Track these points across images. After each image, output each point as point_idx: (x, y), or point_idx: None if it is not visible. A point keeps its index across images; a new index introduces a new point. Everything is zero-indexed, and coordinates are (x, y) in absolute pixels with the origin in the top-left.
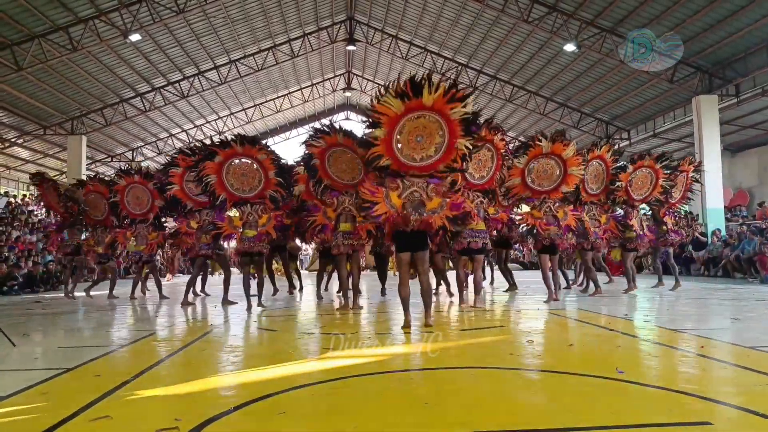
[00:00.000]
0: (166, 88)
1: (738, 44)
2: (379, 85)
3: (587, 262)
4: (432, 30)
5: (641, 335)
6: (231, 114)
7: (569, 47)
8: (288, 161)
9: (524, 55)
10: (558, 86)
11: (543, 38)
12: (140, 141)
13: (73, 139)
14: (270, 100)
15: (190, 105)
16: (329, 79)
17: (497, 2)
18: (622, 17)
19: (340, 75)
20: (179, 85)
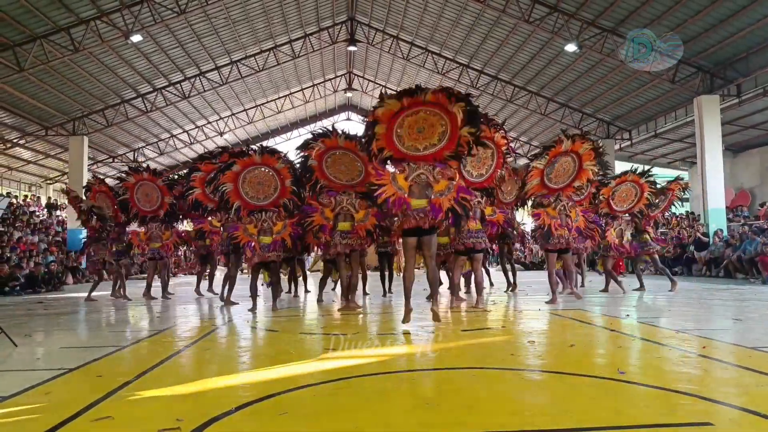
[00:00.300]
0: (168, 89)
1: (739, 44)
2: (383, 86)
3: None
4: (433, 30)
5: (642, 336)
6: (232, 114)
7: (570, 47)
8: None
9: (525, 56)
10: (559, 87)
11: (544, 38)
12: (142, 142)
13: (75, 140)
14: (271, 101)
15: (192, 106)
16: (330, 80)
17: (498, 3)
18: (624, 17)
19: (341, 75)
20: (180, 86)
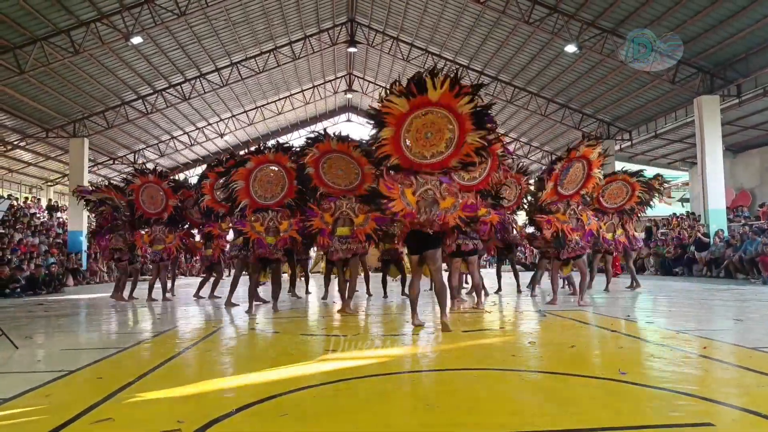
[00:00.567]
0: (168, 91)
1: (739, 45)
2: (383, 87)
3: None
4: (433, 32)
5: (643, 336)
6: (232, 116)
7: (570, 48)
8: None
9: (525, 57)
10: (559, 87)
11: (544, 39)
12: (142, 143)
13: (75, 142)
14: (271, 102)
15: (192, 107)
16: (330, 81)
17: (498, 4)
18: (623, 18)
19: (342, 77)
20: (181, 88)
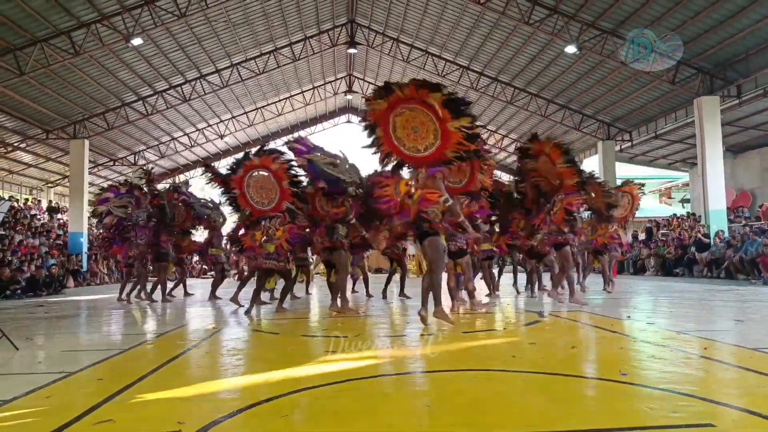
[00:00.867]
0: (168, 92)
1: (739, 45)
2: (372, 86)
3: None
4: (433, 33)
5: (644, 337)
6: (233, 117)
7: (570, 49)
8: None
9: (525, 58)
10: (559, 88)
11: (544, 40)
12: (142, 145)
13: (76, 143)
14: (271, 104)
15: (192, 108)
16: (330, 82)
17: (498, 4)
18: (623, 19)
19: (342, 78)
20: (181, 89)
